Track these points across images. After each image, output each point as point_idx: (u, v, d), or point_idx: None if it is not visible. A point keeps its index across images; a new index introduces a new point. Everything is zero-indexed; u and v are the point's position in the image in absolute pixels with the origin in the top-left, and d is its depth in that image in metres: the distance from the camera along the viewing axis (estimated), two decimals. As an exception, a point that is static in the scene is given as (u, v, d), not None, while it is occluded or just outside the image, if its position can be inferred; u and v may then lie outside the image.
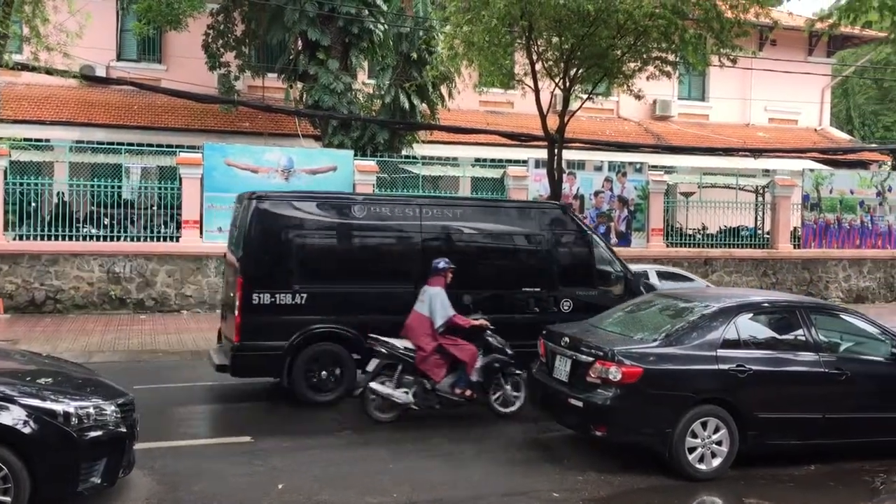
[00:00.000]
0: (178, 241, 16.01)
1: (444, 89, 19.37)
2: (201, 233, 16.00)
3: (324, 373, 9.18)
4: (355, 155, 17.42)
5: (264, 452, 7.38)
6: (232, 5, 19.86)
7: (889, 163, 26.37)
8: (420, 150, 19.97)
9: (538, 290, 9.94)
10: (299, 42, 19.37)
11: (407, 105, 18.60)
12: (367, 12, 18.65)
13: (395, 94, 18.54)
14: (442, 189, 19.01)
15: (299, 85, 19.79)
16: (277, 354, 9.00)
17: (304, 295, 9.11)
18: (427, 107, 19.44)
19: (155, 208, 16.53)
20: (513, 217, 10.50)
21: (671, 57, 14.75)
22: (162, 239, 16.07)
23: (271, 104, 20.02)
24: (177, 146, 17.53)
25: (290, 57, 19.66)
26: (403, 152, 19.41)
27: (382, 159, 17.85)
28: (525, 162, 18.57)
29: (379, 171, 17.30)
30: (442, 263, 8.75)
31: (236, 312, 8.97)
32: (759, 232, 21.11)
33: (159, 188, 16.57)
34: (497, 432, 8.42)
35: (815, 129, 27.93)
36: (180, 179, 16.09)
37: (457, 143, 21.26)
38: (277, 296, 9.04)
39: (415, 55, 18.41)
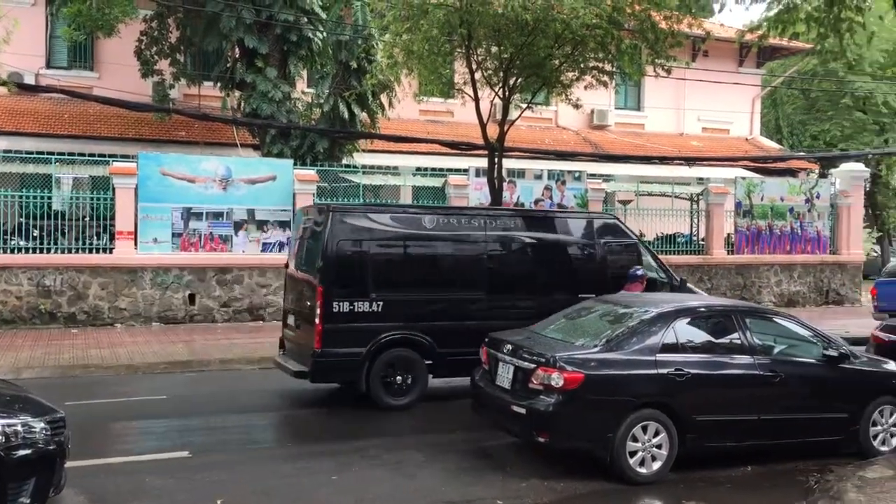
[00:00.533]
0: (111, 252, 15.61)
1: (384, 98, 19.30)
2: (136, 244, 15.64)
3: (399, 378, 9.54)
4: (295, 164, 17.26)
5: (203, 467, 7.22)
6: (166, 11, 19.50)
7: (816, 170, 27.22)
8: (360, 159, 19.88)
9: (593, 295, 9.76)
10: (236, 50, 19.12)
11: (347, 114, 18.50)
12: (305, 20, 18.53)
13: (335, 103, 18.42)
14: (383, 198, 18.94)
15: (237, 93, 19.52)
16: (356, 360, 9.37)
17: (381, 303, 9.53)
18: (367, 116, 19.37)
19: (87, 219, 16.08)
20: (568, 227, 11.18)
21: (608, 67, 14.97)
22: (94, 251, 15.64)
23: (208, 113, 19.68)
24: (110, 155, 17.09)
25: (227, 65, 19.39)
26: (344, 161, 19.28)
27: (323, 168, 17.72)
28: (466, 170, 18.64)
29: (319, 180, 17.18)
30: (640, 271, 9.71)
31: (317, 321, 9.28)
32: (695, 238, 21.58)
33: (92, 199, 16.13)
34: (440, 440, 8.39)
35: (747, 138, 28.69)
36: (113, 189, 15.70)
37: (397, 151, 21.22)
38: (356, 304, 9.46)
39: (354, 64, 18.32)
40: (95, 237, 15.91)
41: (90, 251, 15.62)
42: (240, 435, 8.56)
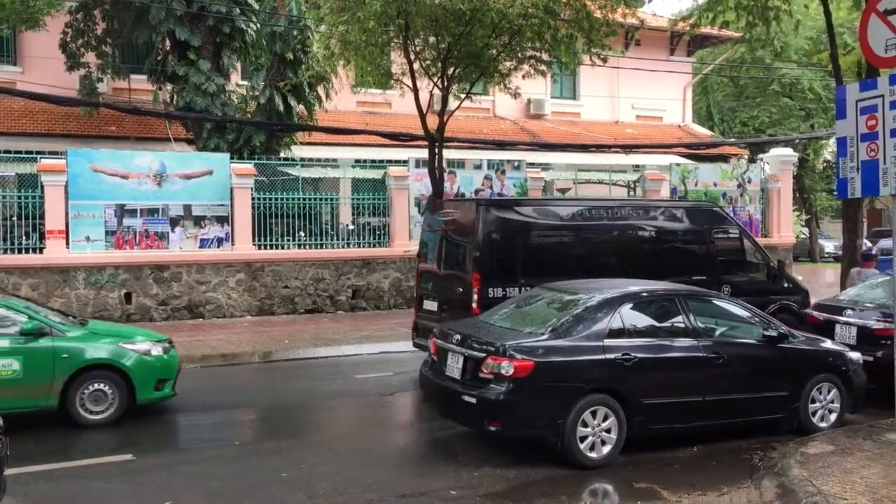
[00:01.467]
0: (41, 252, 15.09)
1: (320, 90, 19.09)
2: (67, 243, 15.15)
3: None
4: (232, 158, 16.94)
5: (148, 469, 7.04)
6: (92, 3, 18.89)
7: (747, 156, 27.89)
8: (298, 151, 19.63)
9: (704, 278, 10.96)
10: (167, 42, 18.64)
11: (283, 106, 18.23)
12: (238, 11, 18.16)
13: (271, 95, 18.13)
14: (323, 191, 18.73)
15: (169, 86, 19.05)
16: None
17: (528, 288, 9.71)
18: (304, 108, 19.12)
19: (15, 219, 15.51)
20: (682, 215, 11.95)
21: (545, 56, 15.06)
22: (24, 251, 15.12)
23: (139, 107, 19.18)
24: (37, 152, 16.51)
25: (158, 57, 18.88)
26: (282, 154, 19.02)
27: (260, 162, 17.43)
28: (406, 162, 18.57)
29: (257, 173, 16.89)
30: (874, 250, 10.21)
31: (474, 305, 9.94)
32: (633, 225, 21.86)
33: (20, 197, 15.56)
34: (392, 433, 8.37)
35: (679, 126, 29.22)
36: (42, 187, 15.17)
37: (336, 144, 21.03)
38: (507, 289, 10.12)
39: (290, 55, 18.04)
40: (25, 237, 15.37)
41: (19, 251, 15.10)
42: (184, 435, 8.38)
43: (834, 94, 8.77)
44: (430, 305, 11.27)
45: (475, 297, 9.99)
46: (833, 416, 8.18)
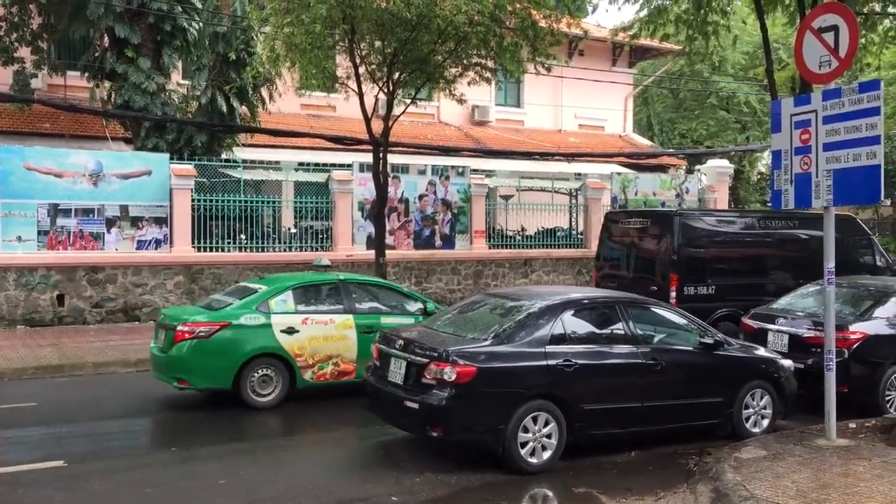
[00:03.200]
0: (-30, 252, 14.61)
1: (264, 91, 18.87)
2: (-2, 243, 14.70)
3: None
4: (171, 158, 16.63)
5: (82, 476, 6.85)
6: (27, -4, 18.37)
7: (685, 167, 28.52)
8: (241, 153, 19.35)
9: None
10: (106, 39, 18.21)
11: (225, 107, 17.96)
12: (180, 9, 17.85)
13: (213, 96, 17.84)
14: (265, 194, 18.51)
15: (107, 84, 18.61)
16: None
17: (714, 287, 12.26)
18: (247, 109, 18.88)
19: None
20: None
21: (490, 63, 15.16)
22: (-49, 250, 14.61)
23: (75, 104, 18.69)
24: (-34, 149, 15.96)
25: (96, 54, 18.43)
26: (223, 156, 18.73)
27: (201, 163, 17.14)
28: (350, 166, 18.48)
29: (197, 175, 16.61)
30: None
31: (672, 302, 11.40)
32: (574, 232, 22.17)
33: (-54, 195, 15.01)
34: (332, 438, 8.32)
35: (620, 135, 29.72)
36: (-29, 185, 14.68)
37: (279, 146, 20.82)
38: (697, 287, 12.17)
39: (233, 55, 17.78)
40: (-48, 236, 14.86)
41: (-54, 251, 14.58)
42: (120, 441, 8.18)
43: (769, 108, 9.04)
44: None
45: (673, 294, 11.88)
46: (765, 422, 8.39)
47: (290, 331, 9.54)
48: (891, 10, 16.45)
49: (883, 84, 7.39)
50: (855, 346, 9.13)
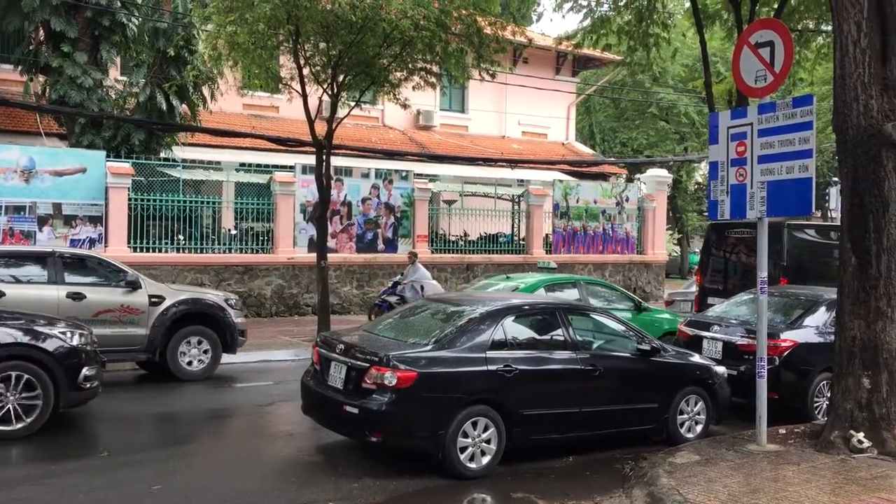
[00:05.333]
0: None
1: (205, 90, 18.57)
2: (-78, 240, 14.15)
3: None
4: (108, 156, 16.25)
5: (6, 484, 6.61)
6: (-42, -14, 17.74)
7: (625, 175, 29.00)
8: (180, 152, 19.02)
9: None
10: (41, 32, 17.70)
11: (165, 105, 17.60)
12: (119, 4, 17.45)
13: (152, 93, 17.48)
14: (205, 194, 18.21)
15: (41, 78, 18.09)
16: None
17: None
18: (187, 108, 18.55)
19: None
20: None
21: (435, 68, 15.19)
22: None
23: (8, 98, 18.11)
24: None
25: (31, 47, 17.90)
26: (162, 155, 18.36)
27: (139, 161, 16.79)
28: (292, 167, 18.32)
29: (135, 173, 16.27)
30: None
31: None
32: (516, 238, 22.35)
33: None
34: (270, 443, 8.20)
35: (563, 143, 30.09)
36: None
37: (220, 146, 20.52)
38: None
39: (172, 52, 17.42)
40: None
41: None
42: (46, 448, 7.92)
43: (707, 119, 9.24)
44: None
45: None
46: (699, 427, 8.57)
47: None
48: (824, 27, 16.98)
49: (815, 99, 7.63)
50: (785, 353, 9.39)
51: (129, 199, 16.07)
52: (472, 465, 7.12)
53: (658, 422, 8.32)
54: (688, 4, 18.29)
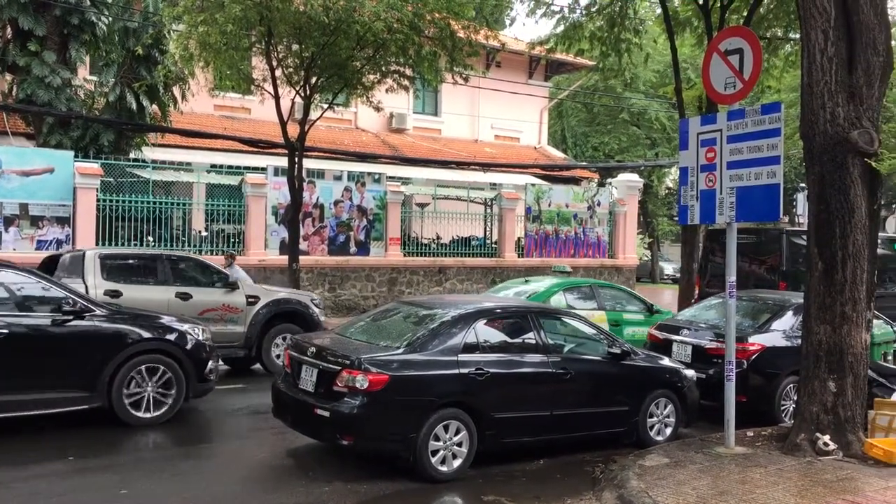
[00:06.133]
0: None
1: (176, 90, 18.41)
2: None
3: None
4: (76, 156, 16.04)
5: (-31, 489, 6.50)
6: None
7: (597, 180, 29.19)
8: (150, 153, 18.82)
9: None
10: (8, 30, 17.44)
11: (135, 105, 17.40)
12: (88, 2, 17.24)
13: (122, 93, 17.28)
14: (174, 195, 18.04)
15: (8, 77, 17.82)
16: None
17: None
18: (157, 108, 18.37)
19: None
20: None
21: (408, 71, 15.21)
22: None
23: (-26, 97, 17.85)
24: None
25: (-2, 46, 17.64)
26: (132, 155, 18.16)
27: (108, 162, 16.59)
28: (264, 169, 18.21)
29: (104, 174, 16.07)
30: None
31: None
32: (488, 241, 22.40)
33: None
34: (239, 447, 8.14)
35: (535, 147, 30.21)
36: None
37: (191, 147, 20.34)
38: None
39: (140, 51, 17.18)
40: None
41: None
42: (9, 451, 7.79)
43: (678, 125, 9.34)
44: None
45: None
46: (669, 430, 8.64)
47: None
48: (792, 35, 17.23)
49: (783, 106, 7.74)
50: (753, 357, 9.52)
51: (98, 200, 15.88)
52: (444, 469, 7.12)
53: (628, 425, 8.38)
54: (659, 11, 18.45)
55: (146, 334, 8.70)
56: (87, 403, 8.39)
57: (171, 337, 8.86)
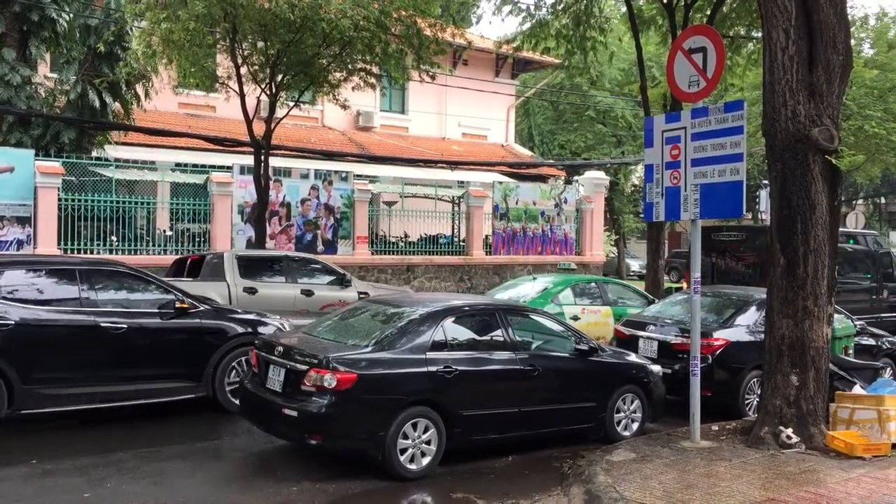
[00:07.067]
0: None
1: (139, 88, 18.16)
2: None
3: None
4: (37, 155, 15.76)
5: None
6: None
7: (564, 177, 29.34)
8: (113, 152, 18.55)
9: None
10: (-34, 27, 17.08)
11: (97, 103, 17.15)
12: (49, -1, 16.97)
13: (83, 91, 17.02)
14: (139, 194, 17.81)
15: (-34, 74, 17.44)
16: None
17: None
18: (120, 106, 18.11)
19: None
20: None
21: (375, 69, 15.16)
22: None
23: (-70, 94, 17.42)
24: None
25: (-46, 42, 17.26)
26: (94, 154, 17.89)
27: (70, 160, 16.33)
28: (230, 168, 18.04)
29: (65, 173, 15.82)
30: None
31: None
32: (456, 240, 22.42)
33: None
34: (206, 449, 8.06)
35: (503, 145, 30.28)
36: None
37: (155, 146, 20.08)
38: None
39: (102, 48, 16.92)
40: None
41: None
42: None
43: (643, 123, 9.42)
44: None
45: None
46: (635, 425, 8.72)
47: (576, 318, 12.20)
48: (754, 34, 17.47)
49: (746, 104, 7.84)
50: (718, 352, 9.63)
51: (60, 200, 15.62)
52: (412, 467, 7.11)
53: (596, 420, 8.44)
54: (624, 9, 18.61)
55: (241, 329, 9.37)
56: (194, 393, 9.04)
57: (264, 330, 9.34)
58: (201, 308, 9.29)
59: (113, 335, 8.52)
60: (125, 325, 8.60)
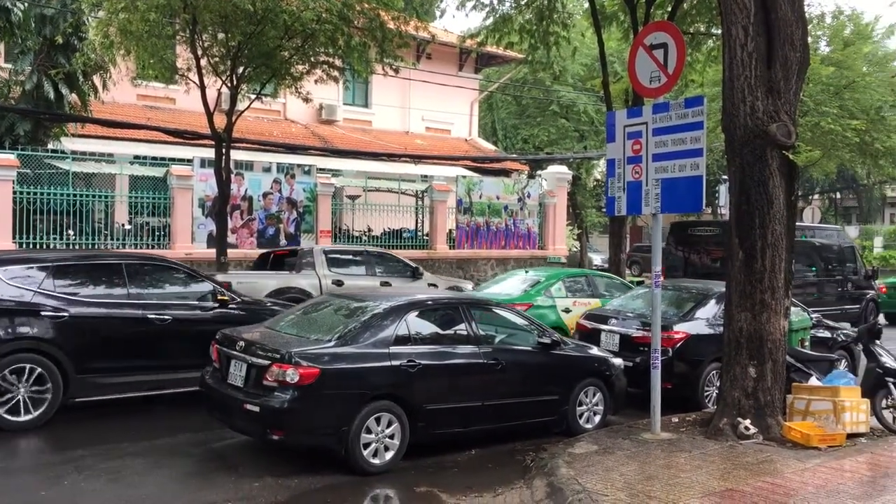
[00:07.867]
0: None
1: (97, 79, 17.82)
2: None
3: None
4: (-10, 147, 15.41)
5: None
6: None
7: (527, 172, 29.43)
8: (70, 144, 18.18)
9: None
10: (-85, 15, 16.61)
11: (53, 94, 16.79)
12: (3, -12, 16.55)
13: (39, 82, 16.66)
14: (96, 187, 17.50)
15: (-84, 64, 17.00)
16: None
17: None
18: (77, 97, 17.75)
19: None
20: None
21: (338, 62, 15.04)
22: None
23: None
24: None
25: None
26: (50, 146, 17.52)
27: (24, 153, 15.98)
28: (190, 161, 17.80)
29: (20, 166, 15.47)
30: None
31: None
32: (420, 234, 22.38)
33: None
34: (166, 445, 7.96)
35: (466, 139, 30.29)
36: None
37: (113, 138, 19.73)
38: None
39: (60, 39, 16.58)
40: None
41: None
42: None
43: (605, 118, 9.48)
44: None
45: None
46: (597, 418, 8.80)
47: (567, 310, 12.55)
48: (714, 31, 17.67)
49: (706, 100, 7.93)
50: (678, 345, 9.77)
51: (14, 193, 15.28)
52: (376, 461, 7.10)
53: (558, 413, 8.50)
54: (586, 5, 18.69)
55: None
56: None
57: None
58: (238, 300, 9.84)
59: (159, 326, 9.02)
60: (170, 317, 9.11)
